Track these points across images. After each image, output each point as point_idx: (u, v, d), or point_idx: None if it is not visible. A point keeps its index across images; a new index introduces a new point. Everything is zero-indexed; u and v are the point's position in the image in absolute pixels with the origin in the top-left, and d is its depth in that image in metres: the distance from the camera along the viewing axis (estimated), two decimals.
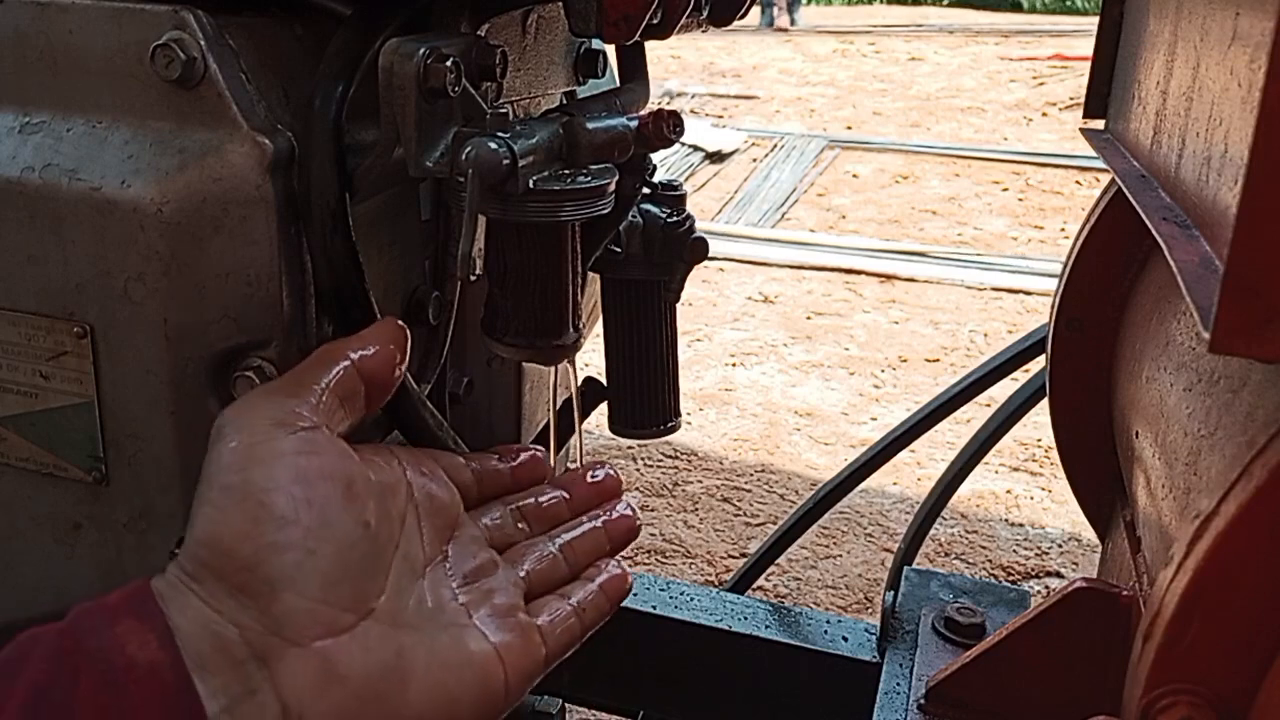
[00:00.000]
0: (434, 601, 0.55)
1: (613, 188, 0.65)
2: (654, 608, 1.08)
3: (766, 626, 1.07)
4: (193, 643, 0.46)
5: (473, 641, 0.54)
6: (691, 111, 6.68)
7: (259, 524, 0.48)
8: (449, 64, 0.58)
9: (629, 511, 0.67)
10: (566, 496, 0.66)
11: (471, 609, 0.56)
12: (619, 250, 0.82)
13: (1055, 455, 0.96)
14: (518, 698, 0.55)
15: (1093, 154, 0.83)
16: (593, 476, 0.67)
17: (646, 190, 0.80)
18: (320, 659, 0.48)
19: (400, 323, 0.60)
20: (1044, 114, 6.70)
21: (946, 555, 2.29)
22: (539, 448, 0.68)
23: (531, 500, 0.65)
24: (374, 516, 0.53)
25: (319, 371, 0.55)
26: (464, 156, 0.58)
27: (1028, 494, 2.53)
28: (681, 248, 0.83)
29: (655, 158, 0.80)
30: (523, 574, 0.61)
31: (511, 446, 0.68)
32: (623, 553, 0.66)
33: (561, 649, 0.59)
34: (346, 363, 0.56)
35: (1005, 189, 5.20)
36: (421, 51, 0.57)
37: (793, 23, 10.81)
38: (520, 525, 0.64)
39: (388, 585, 0.53)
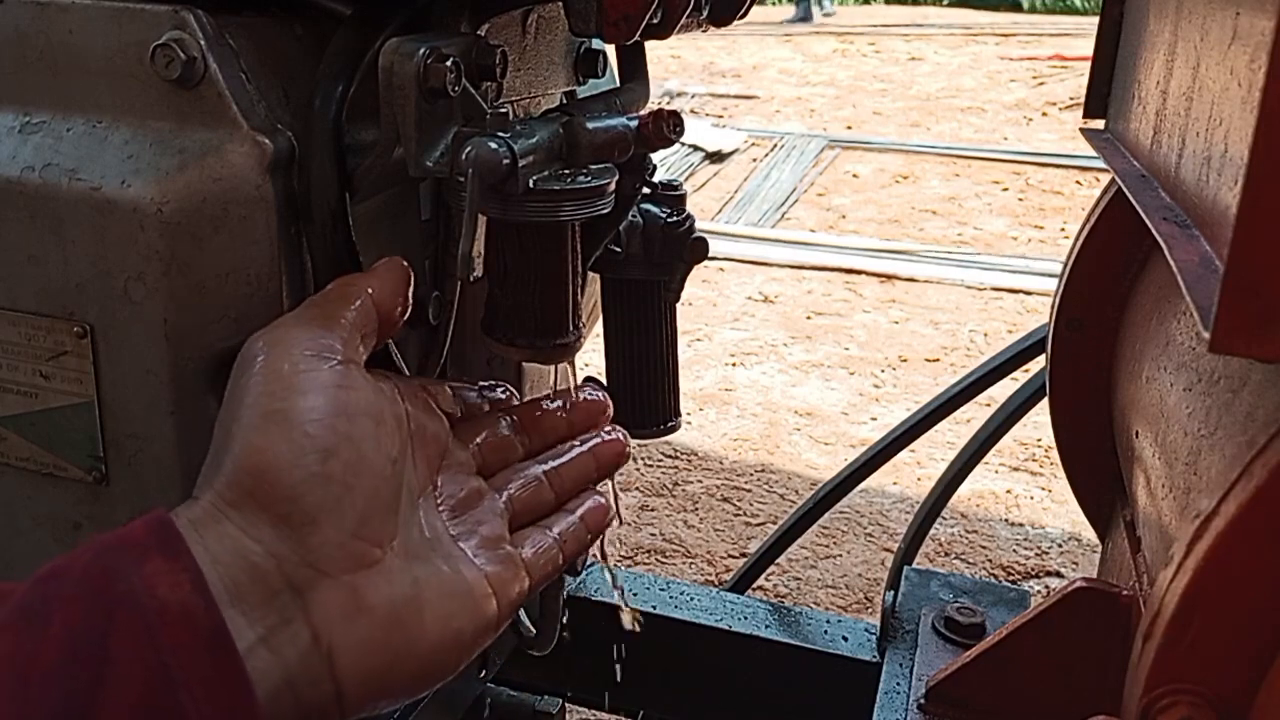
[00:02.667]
0: (430, 533, 0.56)
1: (613, 187, 0.65)
2: (654, 607, 1.08)
3: (766, 626, 1.07)
4: (230, 572, 0.47)
5: (468, 571, 0.56)
6: (691, 111, 6.68)
7: (304, 454, 0.49)
8: (449, 64, 0.58)
9: (619, 436, 0.68)
10: (565, 407, 0.67)
11: (462, 540, 0.58)
12: (619, 250, 0.82)
13: (1055, 455, 0.96)
14: (506, 624, 0.57)
15: (1093, 154, 0.83)
16: (587, 396, 0.68)
17: (646, 190, 0.80)
18: (350, 590, 0.49)
19: (404, 261, 0.60)
20: (1044, 114, 6.70)
21: (946, 555, 2.29)
22: (508, 386, 0.69)
23: (526, 408, 0.66)
24: (397, 452, 0.54)
25: (344, 305, 0.55)
26: (464, 156, 0.58)
27: (1028, 494, 2.53)
28: (681, 248, 0.83)
29: (655, 158, 0.80)
30: (506, 502, 0.62)
31: (488, 383, 0.69)
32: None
33: (543, 579, 0.60)
34: (365, 297, 0.56)
35: (1005, 189, 5.20)
36: (421, 51, 0.57)
37: (825, 13, 10.82)
38: (519, 436, 0.65)
39: (399, 518, 0.54)
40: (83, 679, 0.42)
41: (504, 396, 0.68)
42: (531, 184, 0.61)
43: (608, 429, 0.68)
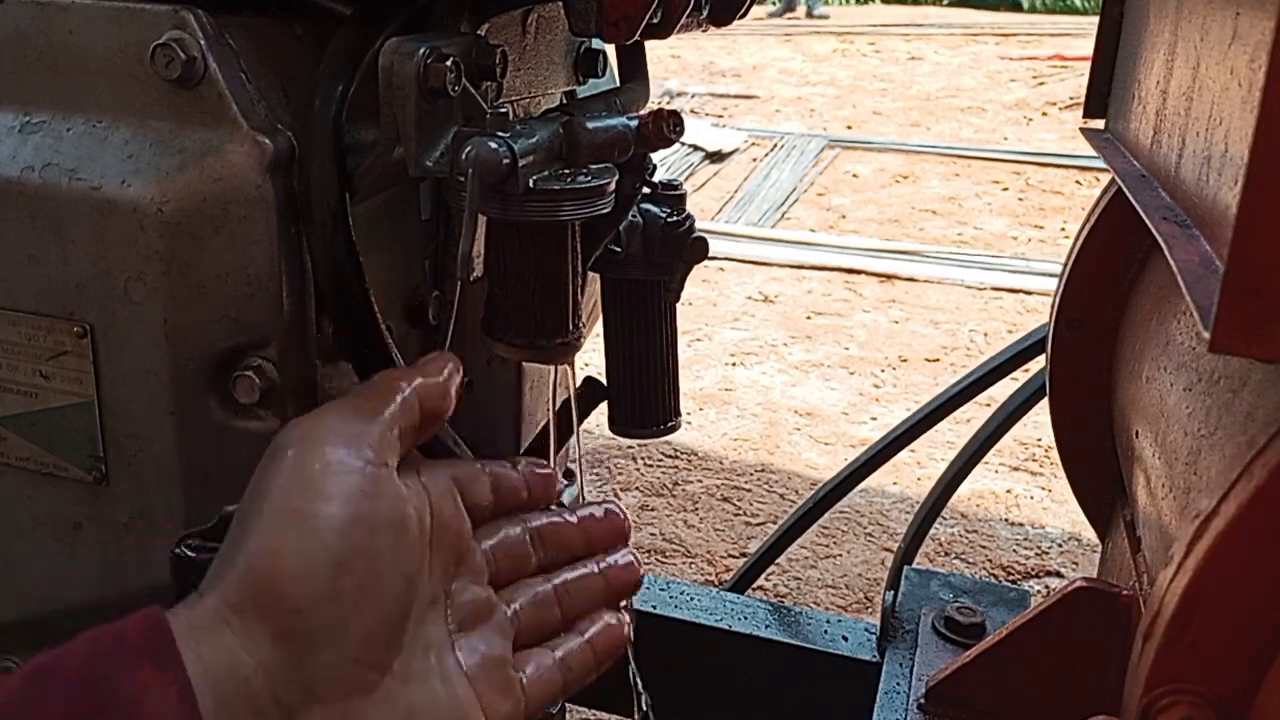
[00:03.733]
0: (433, 652, 0.54)
1: (613, 187, 0.65)
2: (654, 607, 1.08)
3: (766, 626, 1.07)
4: (221, 687, 0.45)
5: (466, 698, 0.54)
6: (691, 111, 6.68)
7: (316, 566, 0.47)
8: (449, 63, 0.58)
9: (632, 561, 0.64)
10: (587, 518, 0.63)
11: (464, 656, 0.55)
12: (619, 250, 0.82)
13: (1055, 455, 0.96)
14: None
15: (1093, 154, 0.83)
16: (609, 510, 0.65)
17: (646, 190, 0.80)
18: (341, 716, 0.48)
19: (455, 358, 0.58)
20: (1044, 114, 6.69)
21: (946, 555, 2.29)
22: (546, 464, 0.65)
23: (547, 521, 0.63)
24: (415, 567, 0.52)
25: (384, 401, 0.53)
26: (464, 156, 0.58)
27: (1028, 494, 2.53)
28: (681, 248, 0.83)
29: (655, 158, 0.80)
30: (514, 617, 0.59)
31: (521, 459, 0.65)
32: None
33: (540, 704, 0.58)
34: (409, 394, 0.54)
35: (1005, 189, 5.20)
36: (421, 51, 0.57)
37: (810, 13, 10.76)
38: (533, 548, 0.62)
39: (405, 637, 0.52)
40: None
41: (546, 473, 0.64)
42: (531, 184, 0.61)
43: (623, 553, 0.64)
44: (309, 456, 0.49)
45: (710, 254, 0.86)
